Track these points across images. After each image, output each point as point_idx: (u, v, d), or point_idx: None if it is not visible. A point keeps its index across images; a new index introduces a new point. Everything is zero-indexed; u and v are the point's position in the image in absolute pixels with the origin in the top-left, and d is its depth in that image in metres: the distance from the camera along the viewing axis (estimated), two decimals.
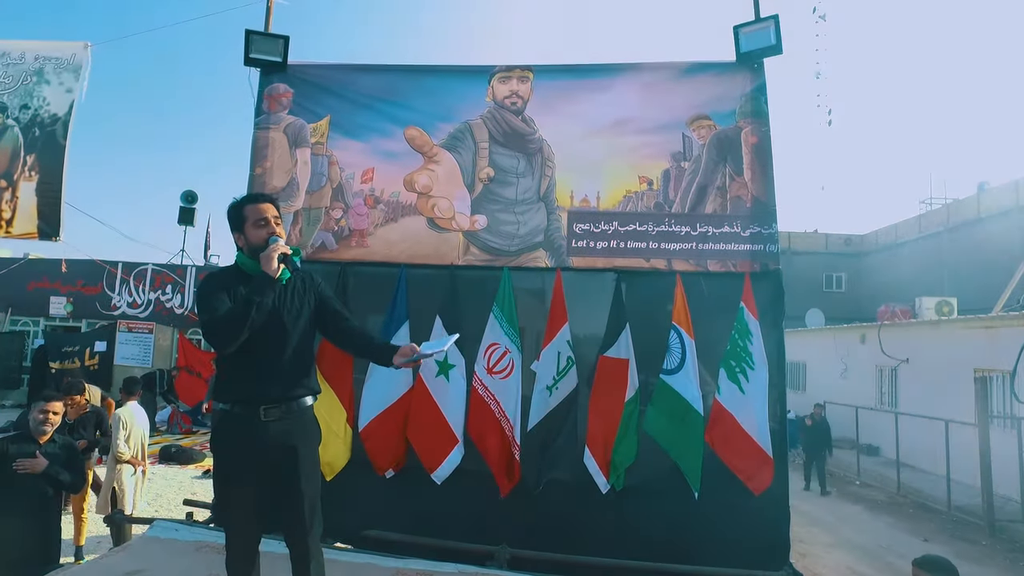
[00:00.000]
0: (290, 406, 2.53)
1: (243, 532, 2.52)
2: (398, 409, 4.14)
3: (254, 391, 2.51)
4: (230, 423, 2.52)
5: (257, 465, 2.48)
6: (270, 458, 2.48)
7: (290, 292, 2.62)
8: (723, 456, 3.89)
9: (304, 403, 2.59)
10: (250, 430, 2.48)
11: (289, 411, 2.53)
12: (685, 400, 3.94)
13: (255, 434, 2.48)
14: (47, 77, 4.76)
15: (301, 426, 2.56)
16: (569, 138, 4.26)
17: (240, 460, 2.49)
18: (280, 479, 2.50)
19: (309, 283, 2.71)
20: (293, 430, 2.53)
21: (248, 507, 2.50)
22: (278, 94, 4.48)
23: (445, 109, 4.36)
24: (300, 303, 2.63)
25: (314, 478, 2.57)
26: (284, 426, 2.51)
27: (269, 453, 2.47)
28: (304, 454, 2.53)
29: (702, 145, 4.18)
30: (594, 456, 3.95)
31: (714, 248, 4.11)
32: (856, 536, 8.87)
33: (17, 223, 4.66)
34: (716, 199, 4.15)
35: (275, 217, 2.60)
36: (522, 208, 4.23)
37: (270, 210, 2.60)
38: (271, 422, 2.49)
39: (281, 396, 2.52)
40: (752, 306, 3.96)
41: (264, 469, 2.48)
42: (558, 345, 4.02)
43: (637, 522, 3.92)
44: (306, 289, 2.68)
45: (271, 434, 2.49)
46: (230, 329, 2.39)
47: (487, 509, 4.00)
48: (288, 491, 2.51)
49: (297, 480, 2.50)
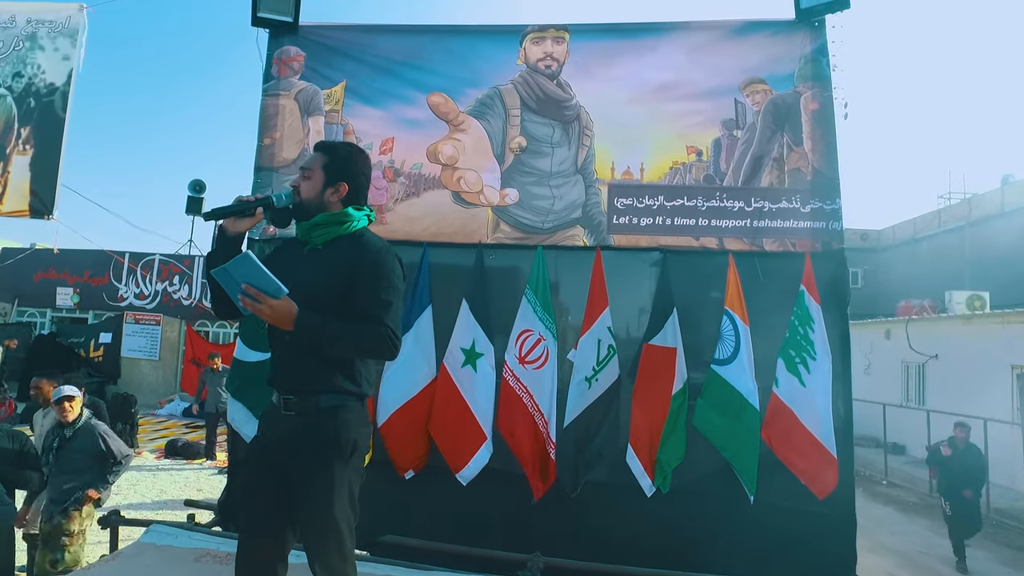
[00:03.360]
0: (307, 402, 2.09)
1: (249, 534, 2.14)
2: (420, 403, 3.76)
3: (274, 377, 2.18)
4: (267, 410, 2.23)
5: (268, 461, 2.12)
6: (282, 461, 2.09)
7: (309, 260, 2.17)
8: (782, 456, 3.49)
9: (322, 403, 2.09)
10: (274, 420, 2.16)
11: (304, 410, 2.09)
12: (739, 393, 3.55)
13: (276, 426, 2.14)
14: (41, 42, 4.40)
15: (319, 434, 2.07)
16: (609, 104, 3.87)
17: (260, 452, 2.18)
18: (292, 490, 2.09)
19: (347, 256, 2.14)
20: (306, 436, 2.07)
21: (256, 504, 2.13)
22: (289, 57, 4.10)
23: (472, 73, 3.97)
24: (319, 276, 2.12)
25: (327, 501, 2.04)
26: (297, 428, 2.09)
27: (281, 454, 2.09)
28: (318, 471, 2.05)
29: (757, 112, 3.78)
30: (638, 455, 3.57)
31: (771, 225, 3.70)
32: (891, 540, 8.45)
33: (8, 200, 4.31)
34: (773, 171, 3.75)
35: (304, 169, 2.22)
36: (558, 181, 3.84)
37: (305, 161, 2.26)
38: (290, 416, 2.11)
39: (291, 387, 2.11)
40: (813, 289, 3.57)
41: (274, 469, 2.10)
42: (598, 332, 3.64)
43: (685, 528, 3.53)
44: (339, 258, 2.14)
45: (287, 431, 2.10)
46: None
47: (518, 513, 3.62)
48: (296, 508, 2.10)
49: (302, 498, 2.06)
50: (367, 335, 2.06)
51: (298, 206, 2.18)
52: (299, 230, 2.22)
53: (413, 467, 3.72)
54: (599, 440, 3.61)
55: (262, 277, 1.94)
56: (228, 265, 1.96)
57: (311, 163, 2.22)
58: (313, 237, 2.19)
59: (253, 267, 1.94)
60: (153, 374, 14.85)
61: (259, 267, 1.94)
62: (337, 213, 2.20)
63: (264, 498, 2.12)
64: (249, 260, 1.94)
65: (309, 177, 2.20)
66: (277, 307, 1.96)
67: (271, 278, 1.94)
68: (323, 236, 2.18)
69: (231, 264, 1.96)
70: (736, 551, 3.46)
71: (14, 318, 14.92)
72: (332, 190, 2.20)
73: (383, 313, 2.07)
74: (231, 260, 1.96)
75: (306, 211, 2.19)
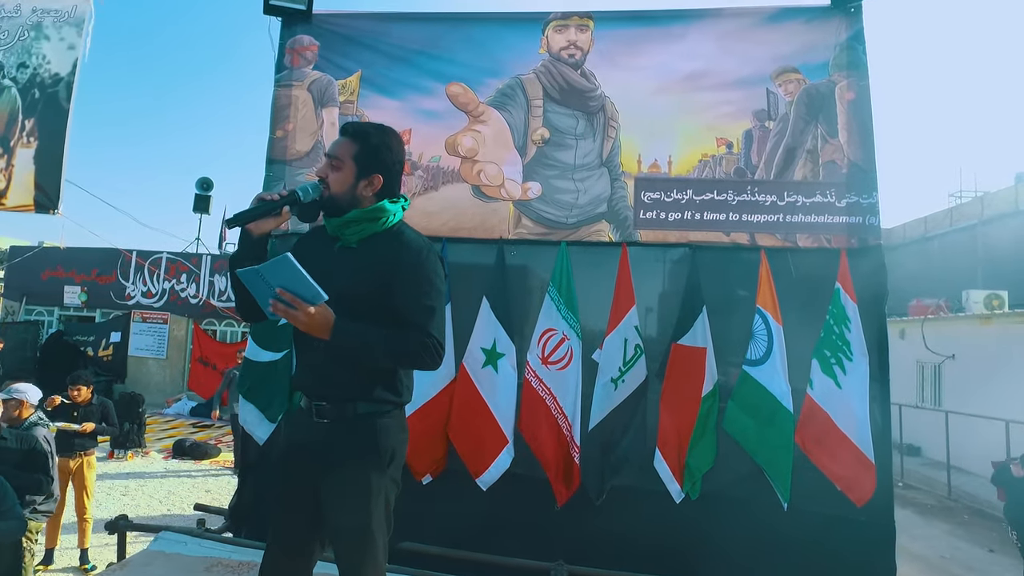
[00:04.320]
0: (341, 410, 1.94)
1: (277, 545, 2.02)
2: (438, 405, 3.62)
3: (304, 381, 2.03)
4: (294, 415, 2.09)
5: (299, 470, 1.98)
6: (314, 469, 1.95)
7: (342, 259, 1.98)
8: (817, 461, 3.34)
9: (359, 410, 1.94)
10: (304, 427, 2.00)
11: (341, 416, 1.94)
12: (772, 395, 3.40)
13: (306, 434, 1.99)
14: (46, 32, 4.28)
15: (352, 440, 1.94)
16: (636, 94, 3.72)
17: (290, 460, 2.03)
18: (323, 501, 1.96)
19: (385, 256, 1.95)
20: (341, 443, 1.93)
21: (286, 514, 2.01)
22: (302, 47, 3.96)
23: (493, 62, 3.83)
24: (355, 278, 1.93)
25: (363, 512, 1.90)
26: (332, 435, 1.94)
27: (313, 462, 1.95)
28: (354, 480, 1.92)
29: (789, 102, 3.62)
30: (666, 460, 3.43)
31: (805, 220, 3.55)
32: (911, 544, 8.25)
33: (12, 194, 4.19)
34: (806, 164, 3.59)
35: (332, 158, 2.00)
36: (582, 174, 3.69)
37: (332, 147, 2.04)
38: (322, 424, 1.96)
39: (328, 395, 1.96)
40: (850, 287, 3.41)
41: (305, 478, 1.96)
42: (624, 331, 3.49)
43: (715, 536, 3.38)
44: (376, 259, 1.96)
45: (319, 439, 1.95)
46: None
47: (541, 520, 3.49)
48: (327, 520, 1.97)
49: (334, 510, 1.93)
50: (410, 345, 1.89)
51: (327, 200, 1.97)
52: (329, 226, 2.04)
53: (431, 472, 3.59)
54: (625, 444, 3.47)
55: (301, 282, 1.76)
56: (262, 268, 1.76)
57: (339, 151, 1.99)
58: (346, 235, 2.00)
59: (292, 271, 1.75)
60: (160, 373, 14.76)
61: (299, 271, 1.75)
62: (371, 209, 1.99)
63: (294, 508, 1.99)
64: (288, 264, 1.74)
65: (339, 168, 1.98)
66: (315, 315, 1.79)
67: (311, 283, 1.76)
68: (357, 234, 1.99)
69: (266, 267, 1.76)
70: (769, 560, 3.31)
71: (22, 316, 14.86)
72: (365, 183, 1.99)
73: (426, 320, 1.91)
74: (267, 263, 1.76)
75: (336, 206, 1.98)
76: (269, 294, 1.79)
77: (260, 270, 1.76)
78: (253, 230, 1.90)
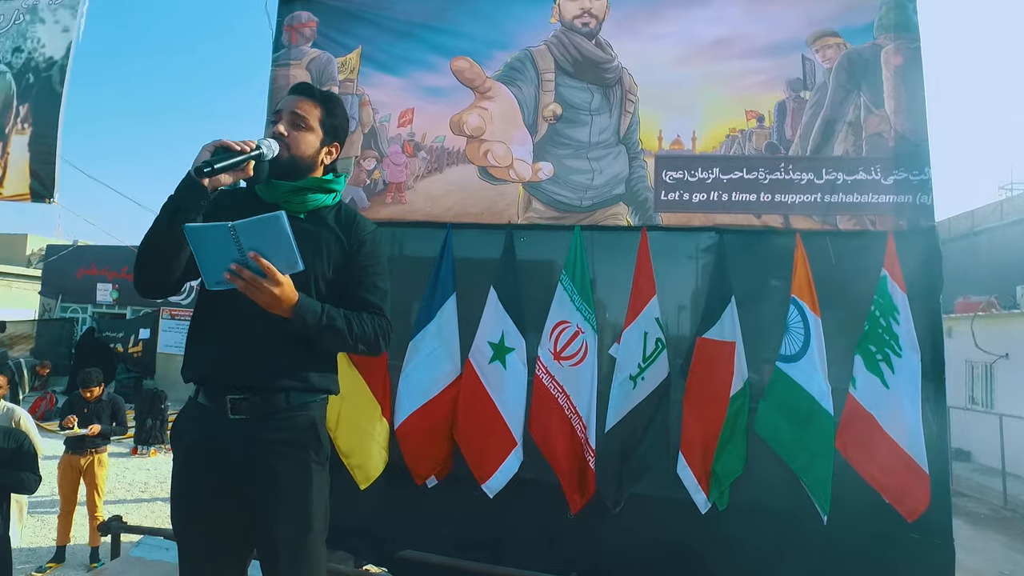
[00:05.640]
0: (269, 402, 1.69)
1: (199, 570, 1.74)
2: (442, 403, 3.36)
3: (215, 371, 1.72)
4: (191, 416, 1.77)
5: (219, 481, 1.69)
6: (235, 475, 1.68)
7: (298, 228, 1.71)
8: (861, 469, 2.98)
9: (295, 401, 1.72)
10: (212, 428, 1.70)
11: (268, 409, 1.69)
12: (809, 395, 3.05)
13: (218, 435, 1.69)
14: (41, 15, 4.17)
15: (288, 435, 1.70)
16: (656, 65, 3.40)
17: (197, 469, 1.72)
18: (252, 510, 1.70)
19: (338, 228, 1.83)
20: (273, 440, 1.69)
21: (205, 537, 1.72)
22: (300, 24, 3.74)
23: (501, 34, 3.55)
24: (309, 249, 1.72)
25: (305, 518, 1.70)
26: (259, 431, 1.68)
27: (233, 468, 1.68)
28: (288, 479, 1.68)
29: (828, 69, 3.26)
30: (690, 465, 3.11)
31: (846, 200, 3.19)
32: (966, 558, 7.70)
33: (8, 183, 4.08)
34: (847, 138, 3.23)
35: (296, 115, 1.78)
36: (597, 153, 3.39)
37: (289, 104, 1.81)
38: (240, 421, 1.68)
39: (253, 384, 1.69)
40: (898, 274, 3.05)
41: (229, 488, 1.69)
42: (644, 324, 3.18)
43: (746, 551, 3.05)
44: (326, 233, 1.81)
45: (240, 440, 1.68)
46: (140, 256, 1.65)
47: (553, 530, 3.21)
48: (261, 532, 1.70)
49: (273, 521, 1.67)
50: (369, 328, 1.75)
51: (286, 162, 1.75)
52: (270, 191, 1.79)
53: (434, 475, 3.32)
54: (645, 448, 3.16)
55: (282, 247, 1.51)
56: (239, 225, 1.49)
57: (305, 110, 1.80)
58: (292, 204, 1.77)
59: (277, 233, 1.50)
60: None
61: (286, 234, 1.50)
62: (328, 179, 1.86)
63: (214, 526, 1.72)
64: (277, 224, 1.50)
65: (307, 128, 1.79)
66: (286, 288, 1.57)
67: (293, 249, 1.52)
68: (306, 205, 1.80)
69: (245, 225, 1.49)
70: None
71: (57, 313, 15.17)
72: (327, 150, 1.87)
73: (383, 303, 1.83)
74: (249, 219, 1.50)
75: (296, 169, 1.78)
76: (229, 258, 1.51)
77: (235, 227, 1.48)
78: (211, 183, 1.61)
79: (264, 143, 1.68)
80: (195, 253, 1.54)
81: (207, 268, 1.55)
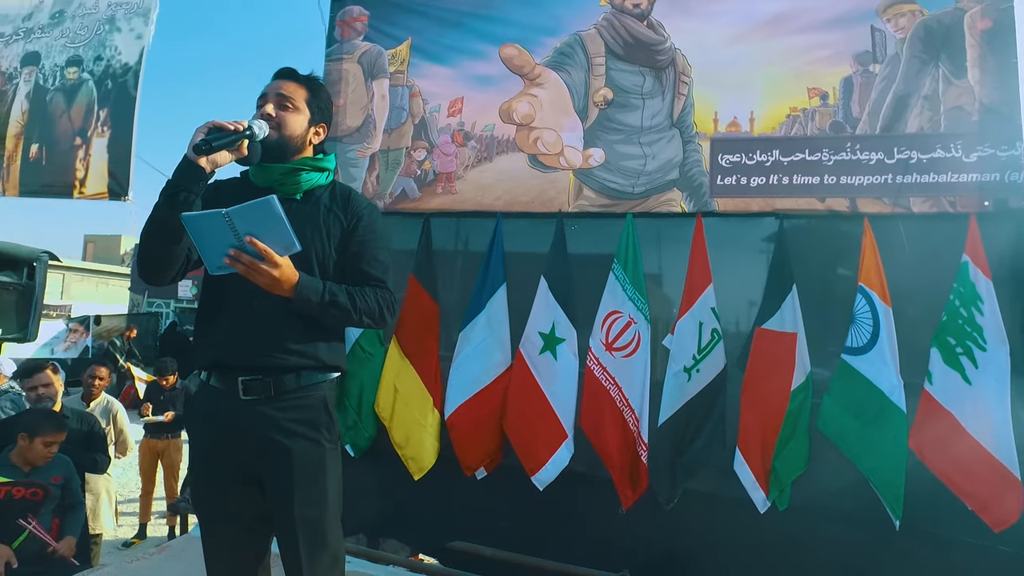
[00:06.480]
0: (280, 382, 1.71)
1: (221, 557, 1.78)
2: (492, 394, 3.34)
3: (224, 354, 1.74)
4: (204, 398, 1.80)
5: (235, 462, 1.72)
6: (250, 455, 1.71)
7: (295, 210, 1.75)
8: (939, 472, 2.75)
9: (306, 380, 1.74)
10: (226, 411, 1.72)
11: (279, 389, 1.71)
12: (879, 390, 2.85)
13: (231, 418, 1.71)
14: (118, 24, 4.43)
15: (299, 415, 1.72)
16: (711, 45, 3.25)
17: (213, 451, 1.75)
18: (267, 493, 1.72)
19: (334, 206, 1.84)
20: (284, 419, 1.70)
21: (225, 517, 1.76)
22: (352, 18, 3.79)
23: (550, 19, 3.49)
24: (307, 229, 1.75)
25: (319, 496, 1.72)
26: (270, 411, 1.70)
27: (248, 450, 1.70)
28: (301, 458, 1.70)
29: (901, 40, 3.03)
30: (748, 462, 2.97)
31: (920, 180, 2.95)
32: None
33: (90, 183, 4.35)
34: (923, 112, 2.99)
35: (282, 97, 1.80)
36: (650, 137, 3.28)
37: (274, 87, 1.82)
38: (254, 402, 1.70)
39: (262, 365, 1.70)
40: (982, 260, 2.80)
41: (244, 468, 1.72)
42: (699, 314, 3.05)
43: (807, 555, 2.88)
44: (323, 212, 1.82)
45: (252, 421, 1.70)
46: (142, 242, 1.68)
47: (604, 525, 3.13)
48: (278, 512, 1.72)
49: (288, 501, 1.68)
50: (373, 302, 1.77)
51: (276, 142, 1.77)
52: (263, 175, 1.81)
53: (483, 466, 3.31)
54: (700, 443, 3.03)
55: (277, 229, 1.53)
56: (233, 211, 1.51)
57: (290, 92, 1.82)
58: (287, 185, 1.80)
59: (270, 216, 1.52)
60: None
61: (280, 216, 1.52)
62: (319, 157, 1.88)
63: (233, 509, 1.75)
64: (269, 207, 1.51)
65: (295, 109, 1.81)
66: (284, 268, 1.59)
67: (288, 230, 1.54)
68: (300, 186, 1.82)
69: (238, 210, 1.51)
70: None
71: (144, 308, 16.13)
72: (314, 130, 1.89)
73: (385, 276, 1.85)
74: (241, 205, 1.52)
75: (286, 150, 1.80)
76: (227, 244, 1.54)
77: (229, 213, 1.51)
78: (208, 165, 1.62)
79: (255, 123, 1.70)
80: (194, 241, 1.58)
81: (207, 254, 1.59)
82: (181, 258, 1.71)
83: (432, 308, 3.45)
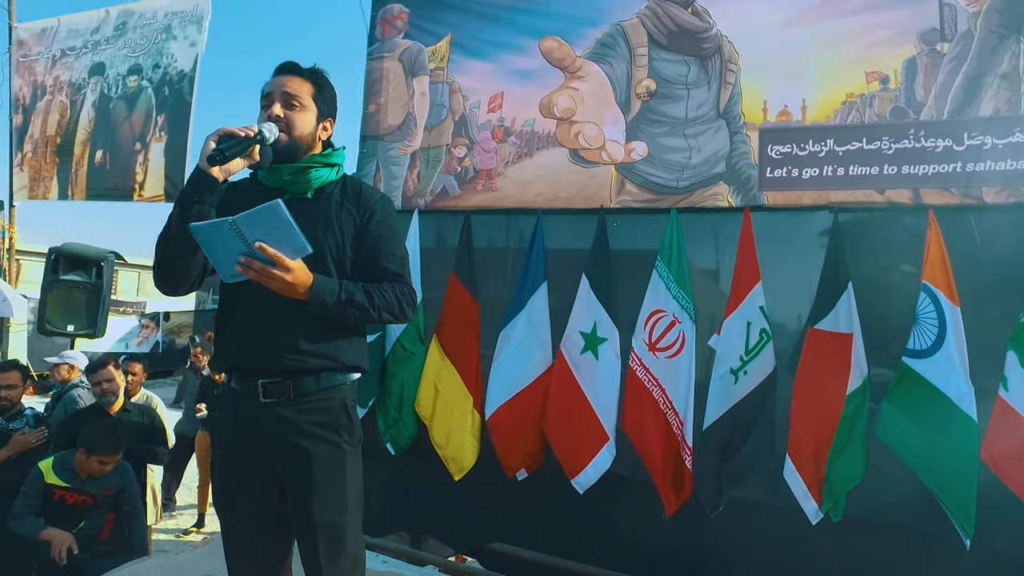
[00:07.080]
0: (300, 384, 1.70)
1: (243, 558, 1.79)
2: (533, 394, 3.29)
3: (244, 359, 1.75)
4: (226, 401, 1.83)
5: (256, 464, 1.73)
6: (271, 458, 1.71)
7: (301, 209, 1.71)
8: (1015, 486, 2.52)
9: (325, 383, 1.73)
10: (246, 413, 1.73)
11: (299, 392, 1.70)
12: (945, 396, 2.64)
13: (252, 420, 1.72)
14: (174, 33, 4.61)
15: (320, 417, 1.71)
16: (759, 30, 3.09)
17: (235, 454, 1.76)
18: (287, 496, 1.73)
19: (346, 202, 1.81)
20: (305, 422, 1.70)
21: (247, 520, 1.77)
22: (392, 16, 3.80)
23: (591, 10, 3.39)
24: (320, 228, 1.74)
25: (339, 499, 1.72)
26: (291, 414, 1.70)
27: (269, 452, 1.71)
28: (321, 461, 1.69)
29: (975, 14, 2.79)
30: (799, 470, 2.80)
31: (995, 169, 2.71)
32: None
33: (148, 186, 4.55)
34: (999, 93, 2.74)
35: (287, 95, 1.77)
36: (695, 129, 3.14)
37: (278, 85, 1.80)
38: (273, 404, 1.70)
39: (282, 368, 1.70)
40: None
41: (266, 471, 1.73)
42: (747, 313, 2.91)
43: (864, 571, 2.71)
44: (335, 209, 1.80)
45: (272, 423, 1.70)
46: (157, 254, 1.70)
47: (646, 531, 3.04)
48: (298, 515, 1.73)
49: (308, 504, 1.68)
50: (393, 297, 1.75)
51: (286, 145, 1.75)
52: (272, 176, 1.79)
53: (524, 467, 3.26)
54: (748, 448, 2.89)
55: (286, 233, 1.53)
56: (239, 219, 1.52)
57: (295, 89, 1.78)
58: (298, 184, 1.78)
59: (278, 220, 1.52)
60: None
61: (288, 220, 1.52)
62: (328, 154, 1.85)
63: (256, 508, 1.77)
64: (276, 211, 1.52)
65: (302, 107, 1.78)
66: (297, 272, 1.58)
67: (297, 233, 1.54)
68: (311, 184, 1.79)
69: (245, 217, 1.52)
70: None
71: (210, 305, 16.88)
72: (322, 126, 1.86)
73: (402, 270, 1.83)
74: (248, 212, 1.52)
75: (296, 151, 1.78)
76: (238, 251, 1.54)
77: (236, 221, 1.51)
78: (221, 174, 1.63)
79: (264, 127, 1.69)
80: (205, 250, 1.60)
81: (219, 263, 1.60)
82: (197, 268, 1.74)
83: (472, 306, 3.42)
